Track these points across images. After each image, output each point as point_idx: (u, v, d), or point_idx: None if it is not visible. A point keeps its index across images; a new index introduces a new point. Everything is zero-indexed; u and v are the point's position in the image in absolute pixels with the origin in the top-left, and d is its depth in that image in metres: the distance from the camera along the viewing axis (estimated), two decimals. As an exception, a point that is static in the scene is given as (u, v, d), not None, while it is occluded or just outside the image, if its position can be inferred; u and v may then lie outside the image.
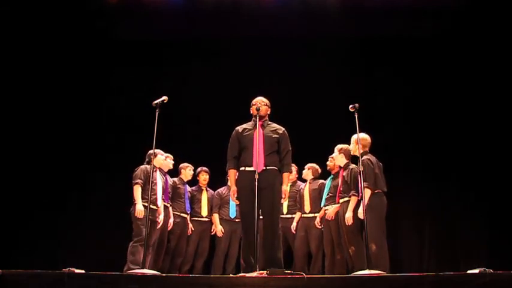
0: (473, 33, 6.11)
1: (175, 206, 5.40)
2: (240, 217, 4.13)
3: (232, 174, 4.08)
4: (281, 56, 6.45)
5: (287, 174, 4.07)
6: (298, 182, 5.66)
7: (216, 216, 5.61)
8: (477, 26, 6.06)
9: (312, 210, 5.34)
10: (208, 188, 5.80)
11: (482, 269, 3.04)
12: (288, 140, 4.14)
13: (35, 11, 6.14)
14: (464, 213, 5.84)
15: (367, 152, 4.62)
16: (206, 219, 5.64)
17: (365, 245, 3.95)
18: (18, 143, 6.02)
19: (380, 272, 3.55)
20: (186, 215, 5.52)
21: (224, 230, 5.53)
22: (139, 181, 4.85)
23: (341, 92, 6.07)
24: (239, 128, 4.18)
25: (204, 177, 5.75)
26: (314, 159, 5.58)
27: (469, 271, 3.17)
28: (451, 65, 6.21)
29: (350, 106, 4.16)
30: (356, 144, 4.51)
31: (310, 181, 5.51)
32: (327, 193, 5.16)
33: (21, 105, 6.14)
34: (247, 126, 4.18)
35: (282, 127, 4.18)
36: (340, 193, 4.88)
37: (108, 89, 6.47)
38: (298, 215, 5.45)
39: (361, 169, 4.13)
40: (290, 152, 4.11)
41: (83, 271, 3.35)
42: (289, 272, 3.24)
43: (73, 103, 6.34)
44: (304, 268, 5.12)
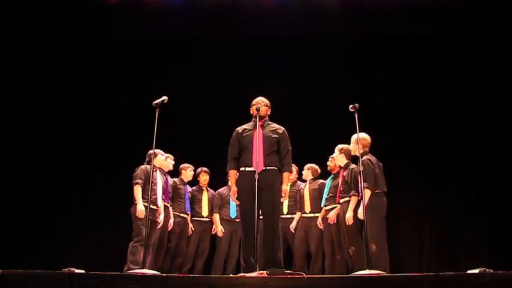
0: (473, 33, 6.11)
1: (175, 206, 5.40)
2: (240, 217, 4.14)
3: (232, 174, 4.09)
4: (281, 56, 6.45)
5: (287, 173, 4.07)
6: (298, 182, 5.66)
7: (217, 216, 5.61)
8: (477, 26, 6.06)
9: (312, 210, 5.34)
10: (208, 188, 5.80)
11: (482, 269, 3.04)
12: (288, 140, 4.14)
13: (35, 11, 6.14)
14: (464, 213, 5.84)
15: (367, 152, 4.62)
16: (207, 219, 5.64)
17: (365, 245, 3.95)
18: (18, 143, 6.02)
19: (380, 272, 3.55)
20: (186, 215, 5.52)
21: (224, 230, 5.53)
22: (139, 181, 4.85)
23: (341, 92, 6.07)
24: (239, 129, 4.19)
25: (205, 177, 5.75)
26: (314, 159, 5.57)
27: (469, 271, 3.17)
28: (451, 65, 6.21)
29: (350, 106, 4.16)
30: (356, 144, 4.50)
31: (310, 181, 5.51)
32: (327, 193, 5.16)
33: (21, 105, 6.14)
34: (247, 126, 4.19)
35: (282, 127, 4.18)
36: (340, 193, 4.89)
37: (108, 89, 6.47)
38: (298, 215, 5.45)
39: (361, 169, 4.13)
40: (290, 152, 4.11)
41: (83, 271, 3.35)
42: (289, 272, 3.24)
43: (73, 103, 6.34)
44: (303, 268, 5.12)
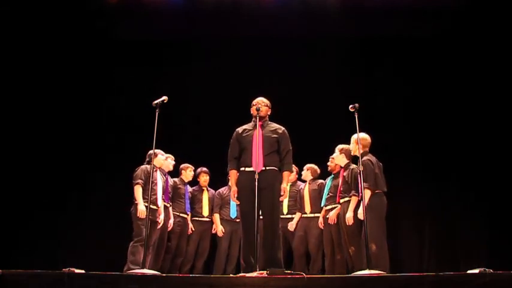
0: (473, 33, 6.11)
1: (175, 206, 5.40)
2: (240, 217, 4.13)
3: (233, 174, 4.09)
4: (281, 56, 6.44)
5: (287, 173, 4.06)
6: (298, 182, 5.66)
7: (217, 216, 5.61)
8: (477, 26, 6.06)
9: (312, 210, 5.34)
10: (209, 188, 5.80)
11: (482, 269, 3.04)
12: (288, 140, 4.14)
13: (35, 11, 6.14)
14: (464, 213, 5.84)
15: (367, 152, 4.62)
16: (207, 219, 5.64)
17: (365, 245, 3.95)
18: (18, 143, 6.02)
19: (380, 272, 3.55)
20: (186, 215, 5.52)
21: (225, 230, 5.53)
22: (140, 181, 4.85)
23: (341, 92, 6.07)
24: (239, 129, 4.19)
25: (205, 178, 5.74)
26: (314, 159, 5.57)
27: (469, 271, 3.17)
28: (451, 65, 6.20)
29: (350, 106, 4.16)
30: (356, 144, 4.50)
31: (309, 182, 5.50)
32: (327, 193, 5.16)
33: (21, 105, 6.13)
34: (247, 127, 4.19)
35: (282, 127, 4.17)
36: (340, 193, 4.89)
37: (108, 89, 6.46)
38: (298, 216, 5.45)
39: (361, 169, 4.13)
40: (291, 152, 4.11)
41: (83, 271, 3.35)
42: (289, 272, 3.24)
43: (73, 103, 6.33)
44: (303, 268, 5.11)
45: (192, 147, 6.10)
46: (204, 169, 5.76)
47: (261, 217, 3.91)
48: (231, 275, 4.15)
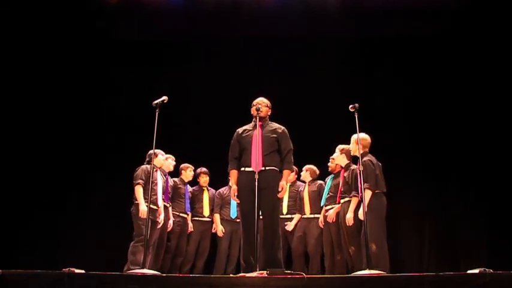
0: (473, 33, 6.11)
1: (175, 206, 5.41)
2: (240, 217, 4.13)
3: (233, 174, 4.09)
4: (281, 56, 6.44)
5: (287, 171, 4.05)
6: (297, 183, 5.65)
7: (217, 216, 5.61)
8: (477, 26, 6.06)
9: (312, 211, 5.33)
10: (209, 188, 5.80)
11: (482, 269, 3.04)
12: (289, 139, 4.13)
13: (35, 11, 6.14)
14: (464, 213, 5.83)
15: (367, 153, 4.62)
16: (208, 219, 5.64)
17: (365, 245, 3.95)
18: (18, 143, 6.02)
19: (380, 272, 3.55)
20: (186, 215, 5.52)
21: (225, 230, 5.53)
22: (140, 181, 4.85)
23: (341, 92, 6.06)
24: (239, 130, 4.19)
25: (204, 179, 5.74)
26: (314, 159, 5.57)
27: (469, 271, 3.17)
28: (451, 65, 6.20)
29: (350, 106, 4.16)
30: (356, 144, 4.50)
31: (309, 183, 5.49)
32: (327, 192, 5.16)
33: (21, 105, 6.13)
34: (247, 127, 4.19)
35: (282, 126, 4.17)
36: (341, 193, 4.88)
37: (108, 89, 6.46)
38: (297, 217, 5.44)
39: (361, 169, 4.13)
40: (291, 151, 4.10)
41: (83, 271, 3.35)
42: (289, 272, 3.24)
43: (73, 103, 6.33)
44: (302, 268, 5.10)
45: (192, 147, 6.10)
46: (204, 169, 5.76)
47: (261, 217, 3.91)
48: (231, 275, 4.15)
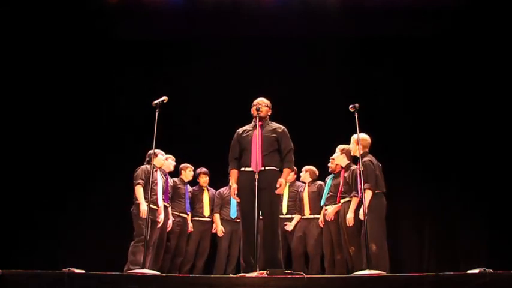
0: (473, 33, 6.11)
1: (175, 206, 5.41)
2: (240, 217, 4.13)
3: (233, 173, 4.09)
4: (281, 56, 6.44)
5: (287, 169, 4.05)
6: (297, 183, 5.65)
7: (217, 216, 5.61)
8: (477, 26, 6.06)
9: (312, 212, 5.32)
10: (209, 188, 5.80)
11: (482, 269, 3.04)
12: (289, 138, 4.13)
13: (35, 11, 6.13)
14: (464, 213, 5.83)
15: (367, 153, 4.62)
16: (208, 219, 5.64)
17: (365, 245, 3.95)
18: (18, 143, 6.02)
19: (380, 272, 3.55)
20: (186, 215, 5.52)
21: (225, 230, 5.53)
22: (140, 181, 4.85)
23: (341, 92, 6.06)
24: (240, 130, 4.20)
25: (204, 179, 5.74)
26: (314, 159, 5.57)
27: (469, 271, 3.17)
28: (451, 65, 6.20)
29: (350, 106, 4.16)
30: (356, 144, 4.50)
31: (308, 184, 5.49)
32: (327, 192, 5.15)
33: (21, 105, 6.13)
34: (247, 127, 4.20)
35: (282, 126, 4.17)
36: (341, 193, 4.88)
37: (108, 89, 6.46)
38: (297, 218, 5.43)
39: (361, 169, 4.13)
40: (292, 150, 4.10)
41: (83, 271, 3.35)
42: (289, 272, 3.24)
43: (73, 103, 6.33)
44: (302, 268, 5.09)
45: (192, 147, 6.09)
46: (204, 170, 5.76)
47: (261, 217, 3.91)
48: (231, 275, 4.15)
